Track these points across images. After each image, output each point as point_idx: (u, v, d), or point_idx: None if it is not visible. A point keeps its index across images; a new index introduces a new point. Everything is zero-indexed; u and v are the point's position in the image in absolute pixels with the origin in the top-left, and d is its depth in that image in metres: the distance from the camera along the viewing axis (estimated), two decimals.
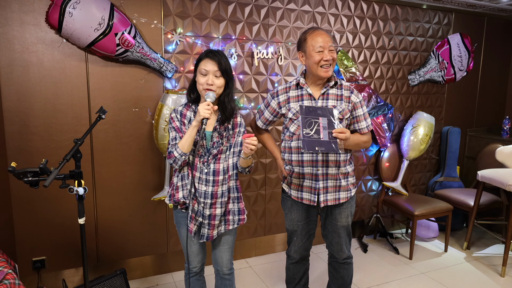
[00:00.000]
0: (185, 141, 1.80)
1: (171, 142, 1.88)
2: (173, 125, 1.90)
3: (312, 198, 2.10)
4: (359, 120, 2.11)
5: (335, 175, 2.08)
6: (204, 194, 1.88)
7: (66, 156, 1.67)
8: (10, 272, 1.72)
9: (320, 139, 1.86)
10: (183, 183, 1.91)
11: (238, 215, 1.99)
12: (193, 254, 2.02)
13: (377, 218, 3.68)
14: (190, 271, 2.07)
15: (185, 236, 1.97)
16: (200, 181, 1.89)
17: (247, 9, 2.95)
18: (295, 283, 2.38)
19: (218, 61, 1.83)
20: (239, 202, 2.00)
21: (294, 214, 2.20)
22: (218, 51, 1.87)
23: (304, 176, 2.09)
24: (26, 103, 2.45)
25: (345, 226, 2.17)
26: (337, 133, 1.87)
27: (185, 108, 1.93)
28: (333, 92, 2.07)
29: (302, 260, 2.33)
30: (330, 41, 1.99)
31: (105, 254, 2.80)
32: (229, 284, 2.10)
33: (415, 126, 3.60)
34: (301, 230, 2.22)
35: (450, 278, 3.01)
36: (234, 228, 2.00)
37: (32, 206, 2.54)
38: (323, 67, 1.98)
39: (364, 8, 3.39)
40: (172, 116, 1.91)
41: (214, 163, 1.89)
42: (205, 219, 1.90)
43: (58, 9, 2.28)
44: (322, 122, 1.89)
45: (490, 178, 3.16)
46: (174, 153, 1.82)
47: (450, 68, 3.83)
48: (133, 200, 2.81)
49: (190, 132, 1.80)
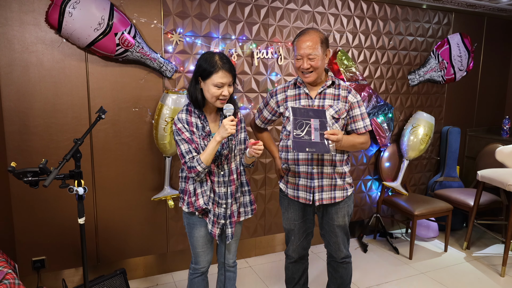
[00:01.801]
0: (209, 156, 1.78)
1: (186, 156, 1.81)
2: (183, 137, 1.82)
3: (308, 196, 2.11)
4: (356, 120, 2.10)
5: (330, 174, 2.09)
6: (224, 195, 1.91)
7: (66, 156, 1.68)
8: (10, 272, 1.72)
9: (311, 140, 1.87)
10: (202, 189, 1.90)
11: (251, 206, 2.07)
12: (204, 253, 2.03)
13: (377, 218, 3.68)
14: (196, 271, 2.06)
15: (198, 236, 1.97)
16: (219, 185, 1.91)
17: (247, 9, 2.95)
18: (295, 282, 2.38)
19: (231, 70, 1.80)
20: (250, 194, 2.07)
21: (291, 213, 2.22)
22: (225, 56, 1.84)
23: (300, 174, 2.11)
24: (26, 103, 2.45)
25: (342, 225, 2.18)
26: (328, 135, 1.88)
27: (188, 115, 1.86)
28: (330, 92, 2.08)
29: (300, 259, 2.33)
30: (311, 49, 1.95)
31: (105, 254, 2.80)
32: (233, 277, 2.14)
33: (415, 126, 3.60)
34: (298, 229, 2.23)
35: (450, 278, 3.01)
36: (242, 220, 2.07)
37: (32, 206, 2.54)
38: (304, 74, 2.01)
39: (364, 8, 3.39)
40: (179, 127, 1.83)
41: (227, 163, 1.92)
42: (226, 219, 1.93)
43: (57, 9, 2.28)
44: (313, 123, 1.90)
45: (490, 178, 3.16)
46: (197, 168, 1.78)
47: (450, 68, 3.83)
48: (133, 200, 2.82)
49: (214, 147, 1.77)
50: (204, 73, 1.79)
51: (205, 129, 1.88)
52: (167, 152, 2.72)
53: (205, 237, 1.99)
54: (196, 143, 1.84)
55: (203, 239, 1.99)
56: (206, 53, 1.85)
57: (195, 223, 1.97)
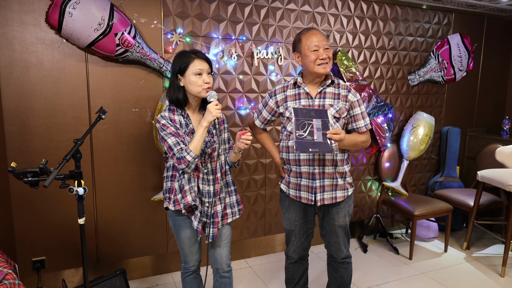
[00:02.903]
0: (198, 143, 1.77)
1: (174, 148, 1.80)
2: (168, 131, 1.82)
3: (310, 197, 2.10)
4: (356, 119, 2.11)
5: (332, 174, 2.09)
6: (208, 194, 1.91)
7: (66, 156, 1.68)
8: (10, 272, 1.72)
9: (314, 140, 1.88)
10: (190, 185, 1.88)
11: (237, 206, 2.06)
12: (192, 253, 2.04)
13: (377, 218, 3.68)
14: (187, 270, 2.08)
15: (185, 238, 1.99)
16: (203, 182, 1.91)
17: (247, 9, 2.95)
18: (295, 283, 2.38)
19: (206, 59, 1.85)
20: (236, 194, 2.06)
21: (291, 213, 2.21)
22: (198, 50, 1.89)
23: (302, 175, 2.10)
24: (26, 103, 2.45)
25: (343, 225, 2.18)
26: (331, 134, 1.88)
27: (171, 113, 1.88)
28: (330, 91, 2.08)
29: (301, 260, 2.33)
30: (324, 40, 2.01)
31: (105, 254, 2.80)
32: (228, 282, 2.10)
33: (415, 126, 3.60)
34: (299, 230, 2.23)
35: (450, 278, 3.01)
36: (230, 221, 2.05)
37: (32, 206, 2.54)
38: (321, 65, 2.00)
39: (364, 8, 3.39)
40: (163, 123, 1.84)
41: (211, 162, 1.92)
42: (209, 218, 1.93)
43: (58, 9, 2.28)
44: (316, 123, 1.91)
45: (490, 178, 3.16)
46: (187, 158, 1.76)
47: (450, 68, 3.83)
48: (133, 200, 2.82)
49: (202, 133, 1.77)
50: (181, 67, 1.83)
51: (189, 127, 1.89)
52: None
53: (191, 238, 2.00)
54: (182, 137, 1.83)
55: (189, 240, 2.00)
56: (178, 53, 1.89)
57: (180, 225, 1.97)
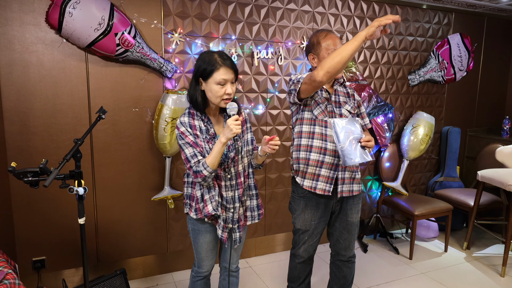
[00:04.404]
0: (215, 159, 1.69)
1: (191, 160, 1.72)
2: (187, 141, 1.74)
3: (327, 188, 2.07)
4: (363, 116, 2.21)
5: (352, 167, 2.11)
6: (232, 200, 1.84)
7: (66, 156, 1.67)
8: (10, 272, 1.72)
9: (352, 150, 1.93)
10: (210, 195, 1.82)
11: (258, 211, 2.00)
12: (208, 258, 1.99)
13: (377, 218, 3.68)
14: (199, 274, 2.02)
15: (203, 242, 1.93)
16: (226, 189, 1.84)
17: (247, 9, 2.95)
18: (300, 282, 2.37)
19: (233, 67, 1.73)
20: (257, 198, 2.00)
21: (308, 214, 2.17)
22: (225, 53, 1.77)
23: (323, 164, 2.07)
24: (26, 103, 2.45)
25: (355, 222, 2.20)
26: (365, 142, 1.95)
27: (191, 118, 1.79)
28: (341, 90, 2.15)
29: (309, 259, 2.32)
30: (340, 43, 2.09)
31: (105, 254, 2.80)
32: (236, 282, 2.10)
33: (415, 126, 3.60)
34: (313, 230, 2.20)
35: (450, 278, 3.01)
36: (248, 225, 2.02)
37: (32, 206, 2.54)
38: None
39: (364, 8, 3.39)
40: (182, 131, 1.75)
41: (234, 166, 1.85)
42: (234, 223, 1.87)
43: (58, 9, 2.28)
44: (352, 133, 1.96)
45: (490, 178, 3.16)
46: (203, 172, 1.69)
47: (450, 68, 3.83)
48: (133, 200, 2.82)
49: (220, 149, 1.68)
50: (204, 72, 1.71)
51: (209, 132, 1.80)
52: (167, 152, 2.72)
53: (210, 243, 1.94)
54: (201, 147, 1.75)
55: (208, 245, 1.95)
56: (205, 53, 1.77)
57: (200, 230, 1.91)
